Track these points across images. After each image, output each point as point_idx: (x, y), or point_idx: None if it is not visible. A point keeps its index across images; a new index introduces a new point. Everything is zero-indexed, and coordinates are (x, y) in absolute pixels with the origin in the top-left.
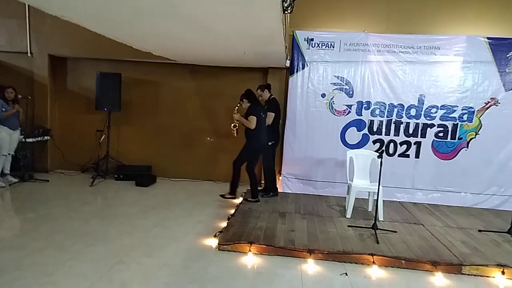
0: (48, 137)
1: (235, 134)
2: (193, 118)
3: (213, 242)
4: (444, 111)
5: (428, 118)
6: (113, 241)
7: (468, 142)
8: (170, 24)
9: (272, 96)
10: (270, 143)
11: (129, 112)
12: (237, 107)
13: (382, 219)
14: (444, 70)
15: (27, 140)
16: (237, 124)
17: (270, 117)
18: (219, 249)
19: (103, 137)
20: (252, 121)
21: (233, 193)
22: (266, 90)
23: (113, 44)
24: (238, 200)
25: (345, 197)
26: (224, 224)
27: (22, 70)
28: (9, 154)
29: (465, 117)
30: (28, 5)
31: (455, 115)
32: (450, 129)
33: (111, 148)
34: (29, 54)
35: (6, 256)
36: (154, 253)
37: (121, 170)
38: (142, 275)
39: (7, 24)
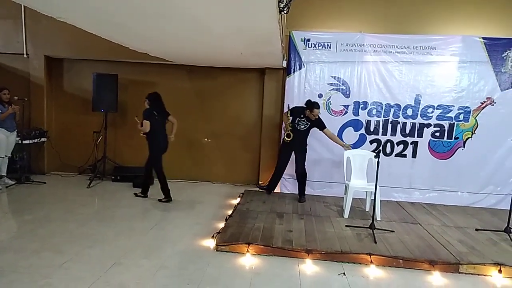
0: (45, 139)
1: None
2: (191, 118)
3: (211, 243)
4: (441, 110)
5: (425, 118)
6: (110, 243)
7: (464, 142)
8: (166, 25)
9: None
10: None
11: (126, 113)
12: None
13: (379, 219)
14: (440, 70)
15: (24, 142)
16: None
17: (329, 134)
18: (217, 250)
19: (100, 138)
20: (146, 126)
21: (144, 193)
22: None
23: (110, 45)
24: (236, 201)
25: (343, 197)
26: (221, 225)
27: (18, 72)
28: (6, 156)
29: (461, 116)
30: (24, 6)
31: (452, 114)
32: (446, 128)
33: (108, 149)
34: (25, 56)
35: (4, 258)
36: (151, 254)
37: (118, 172)
38: (140, 277)
39: (3, 26)
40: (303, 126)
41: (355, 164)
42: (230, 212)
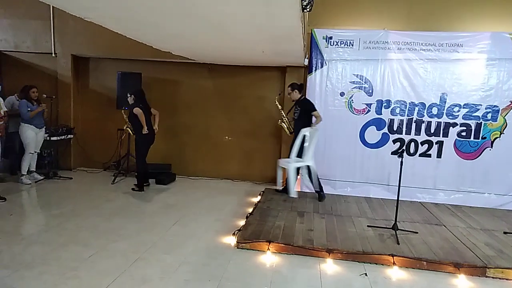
0: (72, 136)
1: (131, 133)
2: (212, 116)
3: (231, 240)
4: (467, 109)
5: (451, 117)
6: (134, 238)
7: (492, 142)
8: (190, 24)
9: (303, 97)
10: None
11: None
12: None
13: (295, 196)
14: (467, 67)
15: (52, 138)
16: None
17: (317, 117)
18: (237, 247)
19: (123, 135)
20: (137, 111)
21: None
22: (296, 90)
23: (134, 44)
24: (257, 199)
25: (365, 197)
26: (242, 222)
27: (46, 70)
28: (35, 152)
29: (489, 116)
30: (53, 7)
31: (479, 114)
32: (473, 128)
33: (131, 146)
34: (53, 55)
35: (33, 251)
36: (173, 250)
37: None
38: (163, 272)
39: (33, 26)
40: (296, 115)
41: (312, 141)
42: (250, 210)
